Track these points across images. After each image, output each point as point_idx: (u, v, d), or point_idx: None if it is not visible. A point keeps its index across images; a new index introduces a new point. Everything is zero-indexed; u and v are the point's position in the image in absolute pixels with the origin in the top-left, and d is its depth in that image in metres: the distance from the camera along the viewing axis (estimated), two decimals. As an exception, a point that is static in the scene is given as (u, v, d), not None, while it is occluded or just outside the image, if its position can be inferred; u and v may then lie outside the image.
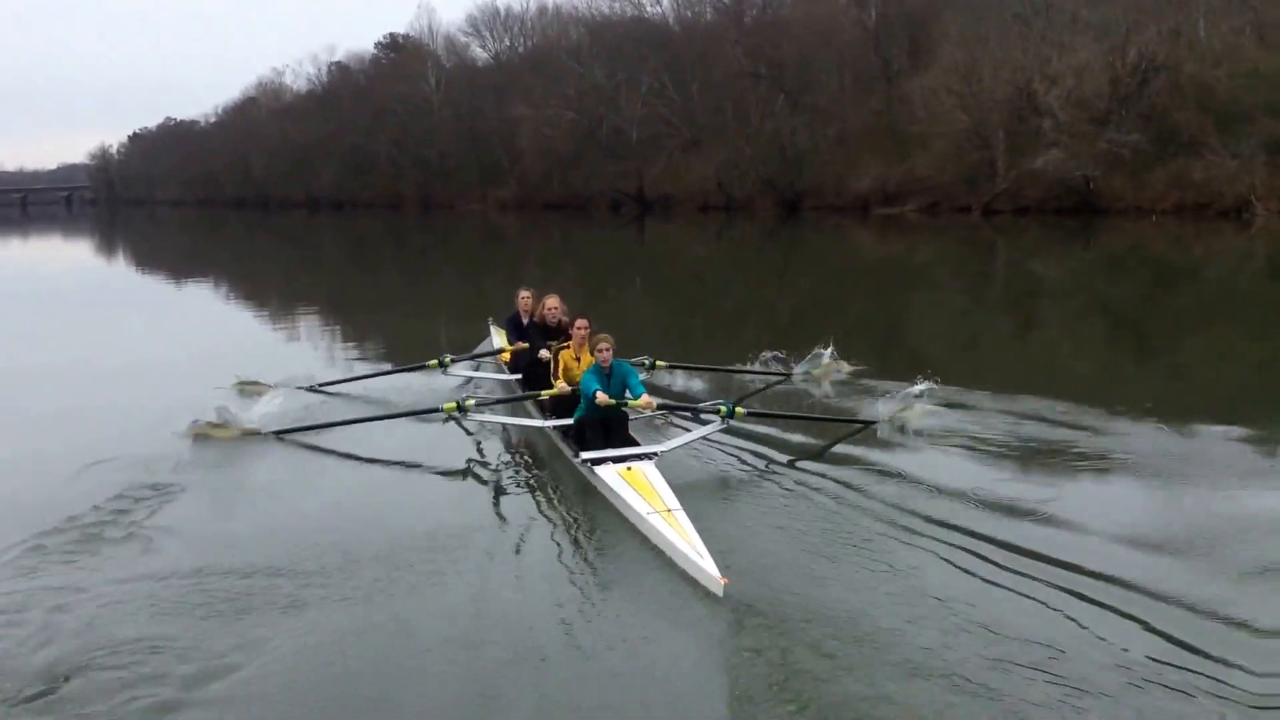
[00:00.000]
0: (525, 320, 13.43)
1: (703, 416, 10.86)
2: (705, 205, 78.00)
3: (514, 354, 13.45)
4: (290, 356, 18.02)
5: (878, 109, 70.94)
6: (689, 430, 10.68)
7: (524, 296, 13.59)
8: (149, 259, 54.28)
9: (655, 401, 10.24)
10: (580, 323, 11.28)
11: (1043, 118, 55.51)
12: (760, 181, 74.50)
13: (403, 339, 18.81)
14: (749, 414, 10.78)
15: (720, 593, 6.91)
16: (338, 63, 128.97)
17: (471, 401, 11.21)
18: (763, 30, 77.48)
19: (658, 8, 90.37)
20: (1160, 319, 23.28)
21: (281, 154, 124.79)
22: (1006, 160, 58.16)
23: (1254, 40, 54.80)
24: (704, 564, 7.21)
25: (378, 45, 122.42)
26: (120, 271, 48.01)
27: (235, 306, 30.30)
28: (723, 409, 10.32)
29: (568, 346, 11.39)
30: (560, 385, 11.06)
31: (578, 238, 61.70)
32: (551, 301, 12.82)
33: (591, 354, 10.33)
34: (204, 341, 21.60)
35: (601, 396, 9.85)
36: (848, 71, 72.70)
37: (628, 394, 10.15)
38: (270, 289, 35.12)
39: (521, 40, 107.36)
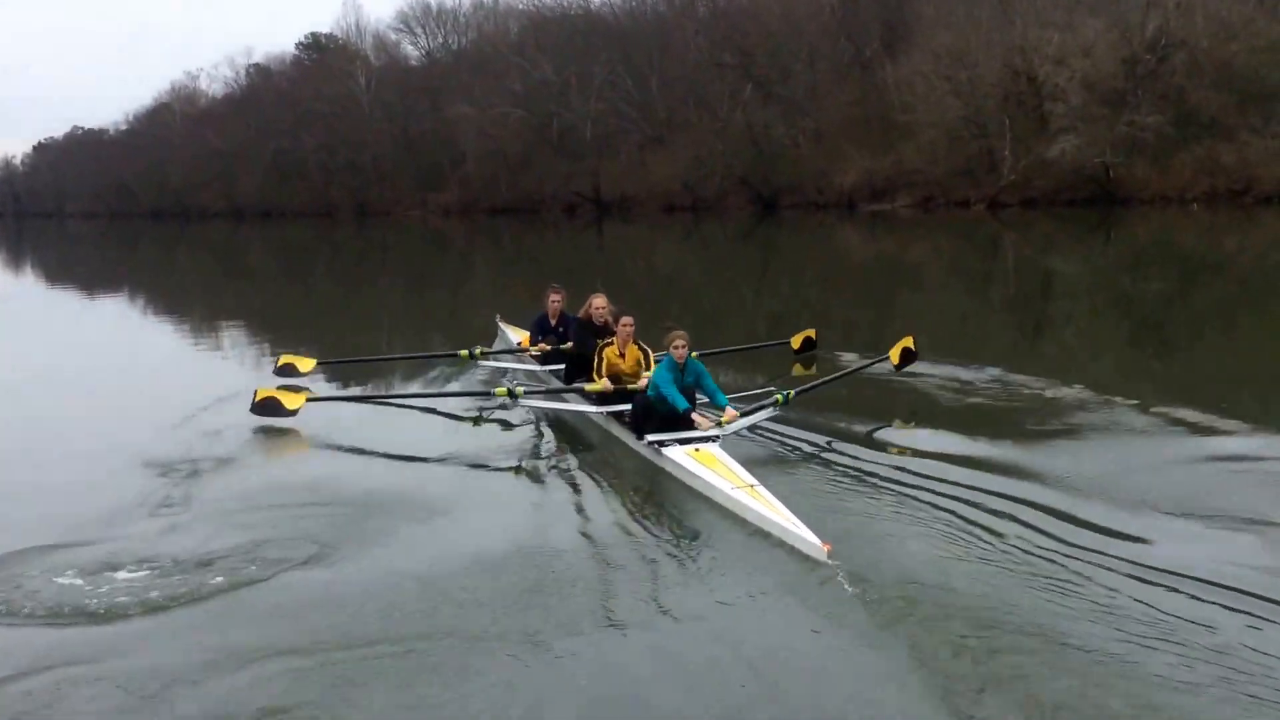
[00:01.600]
0: (554, 320, 13.71)
1: (758, 407, 10.65)
2: (670, 206, 73.11)
3: (545, 351, 13.62)
4: (214, 373, 17.06)
5: (858, 98, 66.05)
6: (746, 414, 10.44)
7: (554, 300, 13.78)
8: (61, 275, 47.60)
9: (737, 414, 10.01)
10: (625, 320, 11.33)
11: (1054, 101, 50.81)
12: (732, 179, 69.44)
13: (340, 351, 16.83)
14: (798, 393, 10.86)
15: (824, 558, 6.89)
16: (256, 65, 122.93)
17: (522, 389, 11.57)
18: (727, 17, 72.21)
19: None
20: (1213, 318, 20.31)
21: (200, 162, 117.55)
22: (1014, 149, 53.35)
23: (1266, 12, 50.58)
24: (803, 532, 7.24)
25: (299, 45, 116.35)
26: (30, 288, 41.90)
27: (155, 321, 27.34)
28: (779, 397, 10.52)
29: (612, 343, 11.37)
30: (603, 383, 11.10)
31: (530, 243, 56.65)
32: (599, 301, 12.72)
33: (667, 349, 10.17)
34: (119, 358, 20.04)
35: (703, 421, 9.78)
36: (823, 59, 67.59)
37: (701, 397, 10.22)
38: (194, 302, 31.60)
39: (456, 37, 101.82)
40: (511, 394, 11.17)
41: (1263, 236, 37.51)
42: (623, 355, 11.20)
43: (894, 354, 12.92)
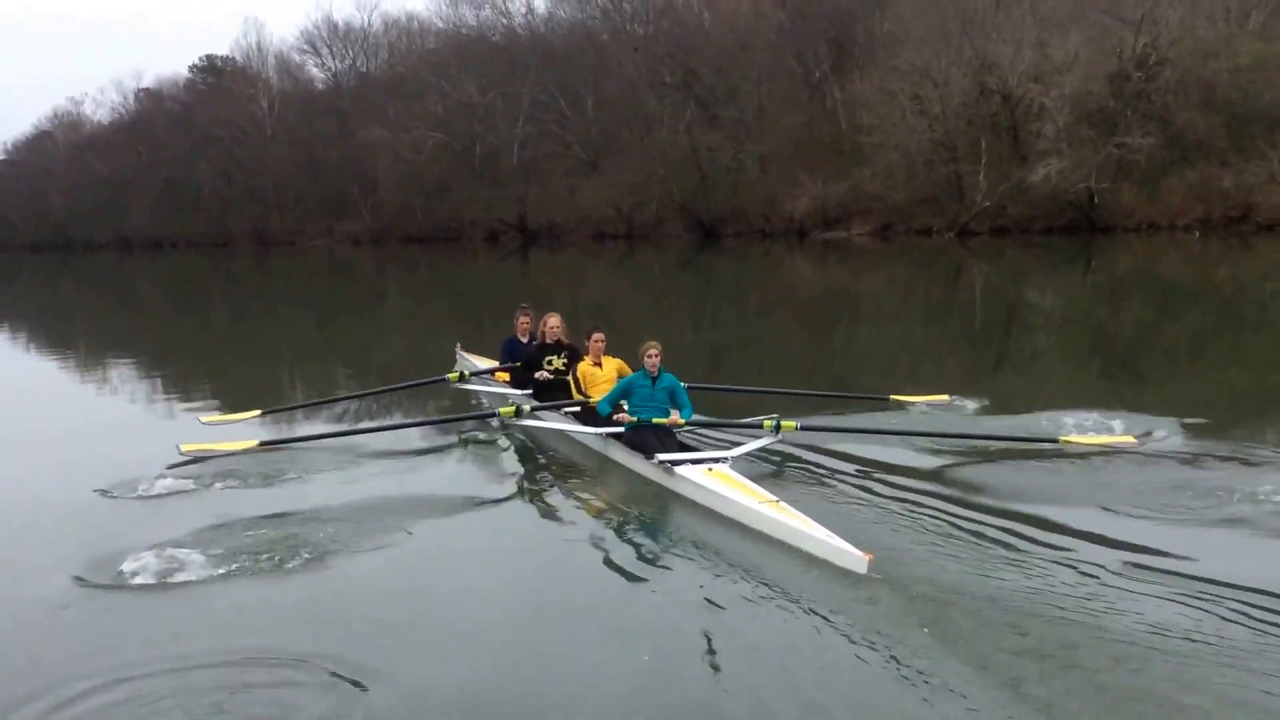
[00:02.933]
0: (525, 339, 13.46)
1: (751, 431, 10.53)
2: (601, 234, 68.48)
3: (513, 374, 13.35)
4: (103, 408, 16.15)
5: (809, 119, 62.12)
6: (740, 442, 10.32)
7: (523, 320, 13.54)
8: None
9: (683, 422, 10.15)
10: (597, 335, 11.31)
11: (1037, 121, 47.08)
12: (671, 206, 64.85)
13: (238, 384, 17.08)
14: (800, 428, 10.29)
15: (864, 570, 6.86)
16: (146, 90, 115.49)
17: (528, 406, 11.29)
18: (669, 34, 67.68)
19: (533, 16, 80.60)
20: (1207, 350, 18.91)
21: (84, 190, 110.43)
22: (988, 173, 49.54)
23: (1247, 31, 47.71)
24: (840, 544, 7.19)
25: (193, 69, 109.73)
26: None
27: (36, 357, 25.07)
28: (768, 423, 10.07)
29: (584, 360, 11.47)
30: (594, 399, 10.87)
31: (448, 272, 53.35)
32: (553, 320, 12.59)
33: (640, 360, 10.13)
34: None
35: (624, 418, 9.99)
36: (772, 79, 63.37)
37: (675, 412, 10.14)
38: (77, 337, 28.95)
39: (365, 58, 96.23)
40: (519, 412, 10.94)
41: (1259, 265, 34.82)
42: (599, 365, 11.29)
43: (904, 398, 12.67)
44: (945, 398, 12.50)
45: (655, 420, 9.84)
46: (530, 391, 12.57)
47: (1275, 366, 16.38)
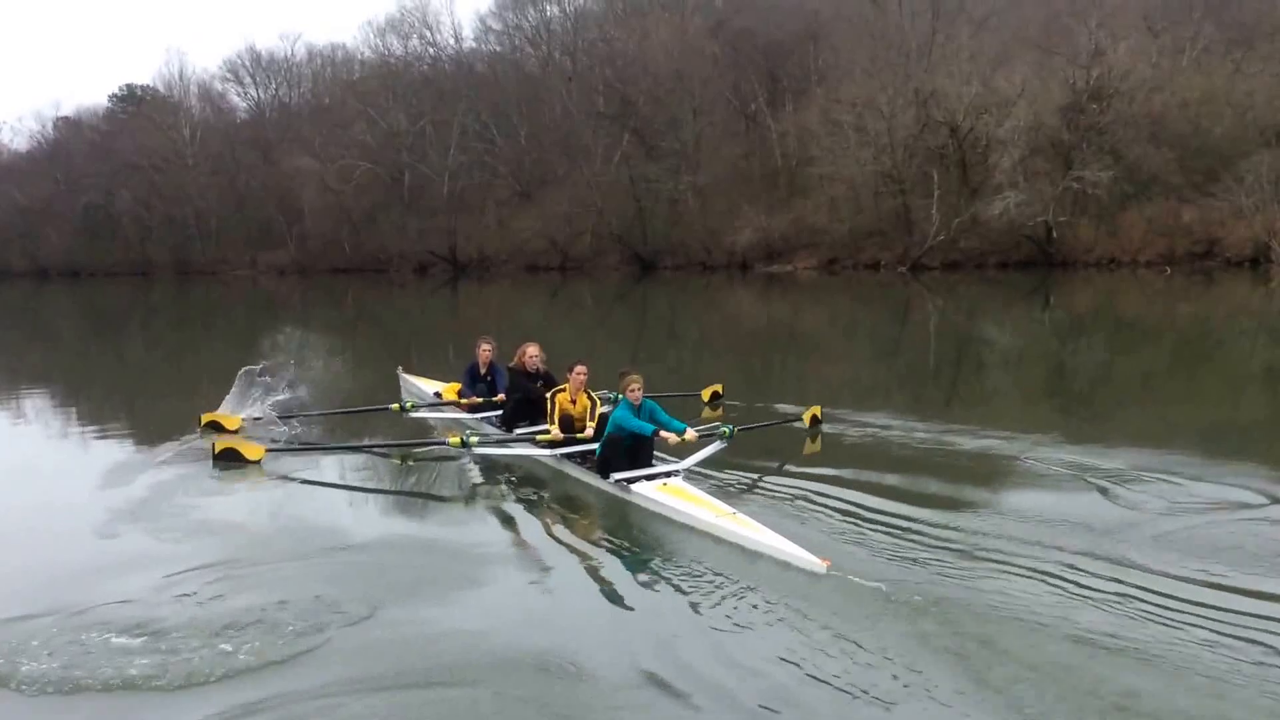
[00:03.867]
0: (484, 370, 13.71)
1: (709, 437, 11.02)
2: (534, 266, 65.45)
3: (471, 403, 13.65)
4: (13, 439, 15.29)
5: (749, 151, 59.55)
6: (696, 450, 10.73)
7: (484, 349, 13.74)
8: None
9: (696, 434, 10.36)
10: (580, 369, 11.28)
11: (995, 153, 44.69)
12: (607, 237, 61.86)
13: (155, 416, 16.36)
14: (740, 430, 11.30)
15: (823, 572, 7.23)
16: (65, 118, 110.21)
17: (475, 438, 11.32)
18: (606, 64, 64.89)
19: (460, 46, 77.59)
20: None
21: (0, 219, 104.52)
22: (940, 206, 47.18)
23: (1188, 66, 46.04)
24: (799, 552, 7.51)
25: (112, 98, 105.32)
26: None
27: None
28: (725, 430, 10.96)
29: (564, 389, 11.33)
30: (555, 432, 11.05)
31: (375, 304, 50.50)
32: (532, 350, 12.72)
33: (623, 392, 10.28)
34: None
35: (670, 436, 10.10)
36: (713, 111, 60.79)
37: (665, 432, 10.23)
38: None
39: (288, 89, 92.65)
40: (465, 443, 11.04)
41: (1226, 302, 33.27)
42: (574, 402, 11.26)
43: (806, 416, 13.09)
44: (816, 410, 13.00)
45: (651, 432, 10.01)
46: (499, 414, 13.02)
47: (1232, 403, 15.72)
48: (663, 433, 9.99)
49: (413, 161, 71.57)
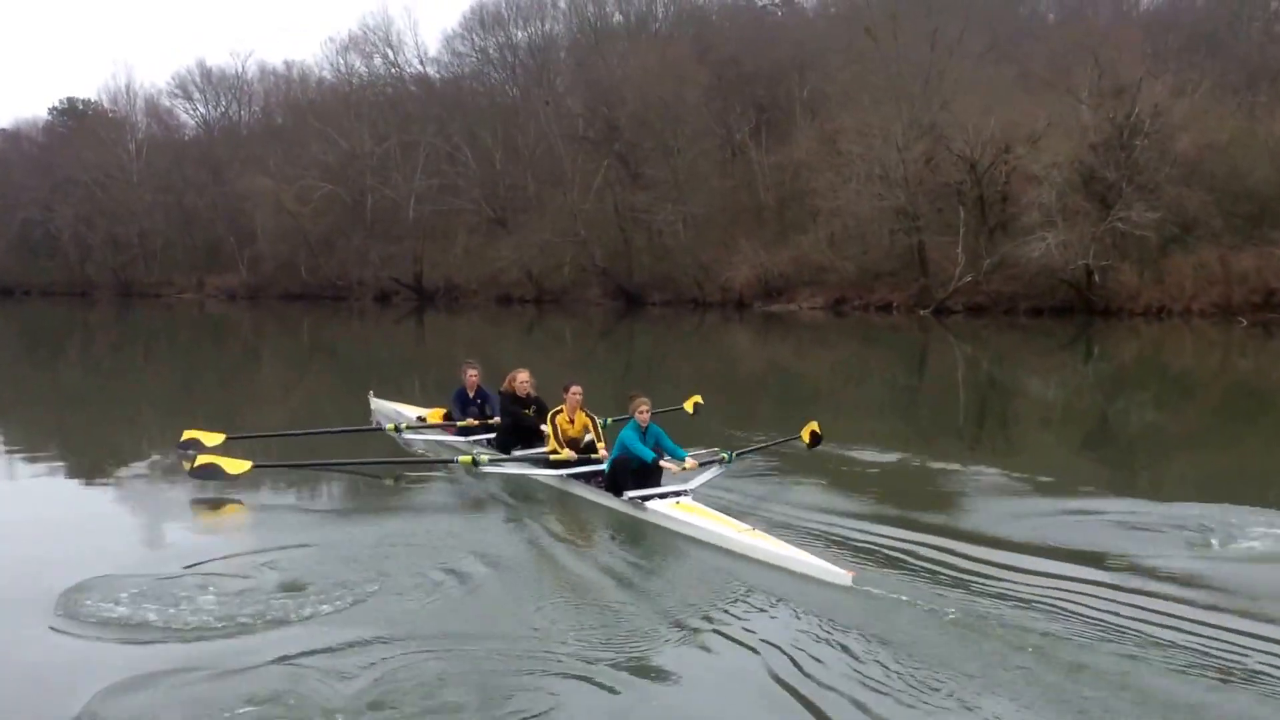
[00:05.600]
0: (471, 394, 13.64)
1: (709, 463, 11.07)
2: (507, 298, 60.36)
3: (466, 425, 13.58)
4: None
5: (743, 183, 55.00)
6: (698, 474, 10.73)
7: (471, 374, 13.73)
8: None
9: (696, 463, 10.51)
10: (575, 389, 11.36)
11: (1035, 190, 40.28)
12: (590, 269, 56.93)
13: (92, 441, 15.92)
14: (738, 454, 11.45)
15: (849, 584, 7.39)
16: (3, 130, 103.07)
17: (485, 457, 11.48)
18: (591, 87, 59.76)
19: (424, 68, 72.66)
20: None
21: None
22: (966, 245, 42.92)
23: (1206, 100, 42.29)
24: (823, 564, 7.72)
25: (52, 110, 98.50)
26: None
27: None
28: (724, 455, 11.04)
29: (561, 411, 11.43)
30: (566, 453, 11.17)
31: (332, 333, 46.67)
32: (523, 376, 12.73)
33: (632, 414, 10.44)
34: None
35: (671, 465, 10.32)
36: (707, 139, 56.16)
37: (667, 456, 10.46)
38: None
39: (238, 106, 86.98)
40: (475, 462, 11.13)
41: None
42: (572, 421, 11.34)
43: (804, 434, 12.90)
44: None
45: (661, 463, 10.21)
46: (480, 438, 13.07)
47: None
48: (663, 461, 10.18)
49: (376, 184, 66.14)
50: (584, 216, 56.55)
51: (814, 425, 12.73)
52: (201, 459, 10.90)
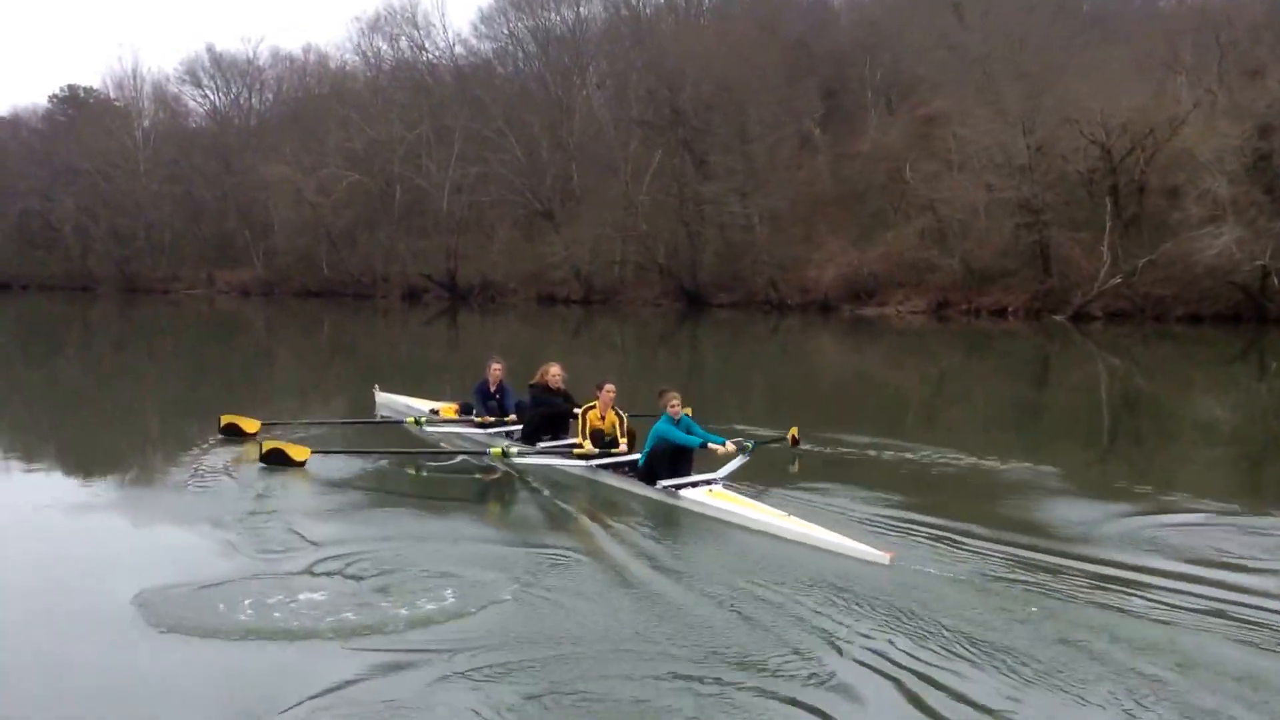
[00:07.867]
0: (493, 389, 13.41)
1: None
2: (550, 297, 53.71)
3: (484, 420, 13.33)
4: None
5: (818, 173, 48.65)
6: (722, 464, 10.54)
7: (495, 369, 13.54)
8: None
9: (733, 445, 10.34)
10: (609, 387, 11.33)
11: (1203, 180, 33.91)
12: (649, 267, 50.48)
13: (93, 447, 14.53)
14: (757, 444, 11.11)
15: (888, 564, 7.34)
16: (1, 118, 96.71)
17: (515, 449, 11.44)
18: (654, 68, 52.51)
19: (453, 50, 66.05)
20: None
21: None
22: (1111, 242, 36.40)
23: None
24: (862, 546, 7.64)
25: (52, 98, 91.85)
26: None
27: None
28: (747, 445, 10.67)
29: (594, 406, 11.34)
30: (588, 446, 11.07)
31: (353, 333, 41.78)
32: (555, 369, 12.50)
33: (664, 408, 10.32)
34: None
35: (716, 448, 10.14)
36: (784, 126, 49.39)
37: (712, 444, 10.33)
38: None
39: (249, 94, 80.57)
40: (505, 453, 11.23)
41: None
42: (603, 418, 11.31)
43: (788, 436, 12.62)
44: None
45: (698, 445, 10.07)
46: (500, 431, 12.77)
47: None
48: (710, 444, 9.97)
49: (406, 173, 59.65)
50: (643, 209, 50.06)
51: (793, 431, 12.56)
52: (268, 444, 11.20)
